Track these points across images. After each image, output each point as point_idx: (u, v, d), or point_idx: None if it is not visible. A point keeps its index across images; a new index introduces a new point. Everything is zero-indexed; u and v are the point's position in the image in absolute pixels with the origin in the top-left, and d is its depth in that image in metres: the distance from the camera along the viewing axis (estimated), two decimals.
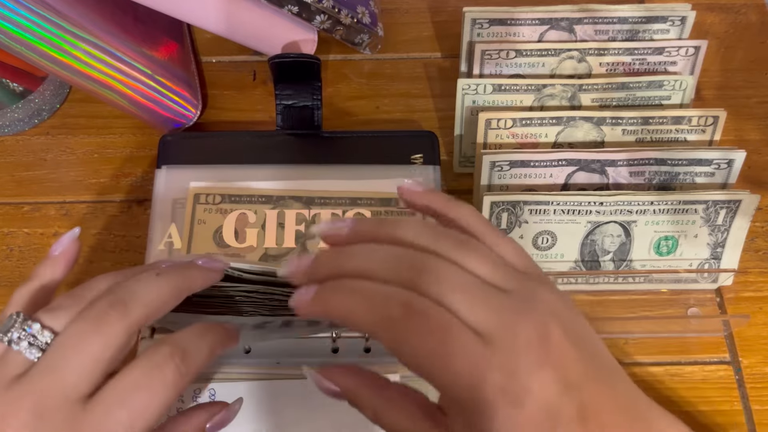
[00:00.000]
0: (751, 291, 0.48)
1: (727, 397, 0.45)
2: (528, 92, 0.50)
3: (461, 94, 0.50)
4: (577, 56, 0.51)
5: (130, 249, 0.49)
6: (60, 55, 0.45)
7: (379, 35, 0.57)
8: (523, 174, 0.46)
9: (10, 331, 0.27)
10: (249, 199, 0.48)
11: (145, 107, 0.50)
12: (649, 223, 0.45)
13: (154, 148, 0.51)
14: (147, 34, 0.51)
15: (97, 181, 0.52)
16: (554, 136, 0.48)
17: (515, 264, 0.27)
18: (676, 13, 0.51)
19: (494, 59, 0.51)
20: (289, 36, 0.54)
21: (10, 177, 0.52)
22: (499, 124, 0.47)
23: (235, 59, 0.58)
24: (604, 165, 0.46)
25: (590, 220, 0.45)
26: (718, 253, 0.46)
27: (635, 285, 0.47)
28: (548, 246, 0.46)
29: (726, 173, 0.47)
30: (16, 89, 0.52)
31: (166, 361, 0.28)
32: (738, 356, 0.46)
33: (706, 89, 0.56)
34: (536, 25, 0.52)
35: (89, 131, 0.54)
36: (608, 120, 0.48)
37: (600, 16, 0.51)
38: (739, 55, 0.58)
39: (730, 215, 0.45)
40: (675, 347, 0.46)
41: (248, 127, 0.54)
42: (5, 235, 0.50)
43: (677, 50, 0.51)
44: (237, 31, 0.52)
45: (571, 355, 0.24)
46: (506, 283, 0.25)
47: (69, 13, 0.45)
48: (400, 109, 0.55)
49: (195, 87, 0.54)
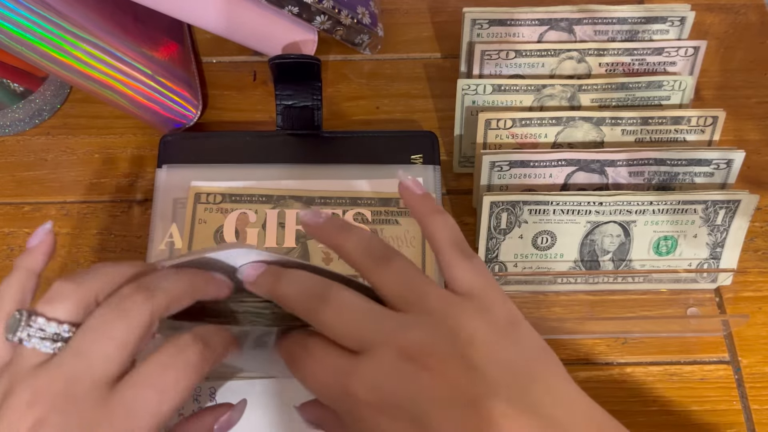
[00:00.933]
0: (750, 291, 0.48)
1: (726, 396, 0.45)
2: (528, 92, 0.50)
3: (461, 95, 0.50)
4: (576, 56, 0.51)
5: (131, 249, 0.49)
6: (60, 55, 0.45)
7: (379, 35, 0.57)
8: (522, 174, 0.46)
9: (18, 330, 0.27)
10: (249, 199, 0.48)
11: (146, 107, 0.50)
12: (648, 223, 0.45)
13: (154, 148, 0.51)
14: (147, 35, 0.51)
15: (97, 181, 0.52)
16: (554, 136, 0.48)
17: (463, 284, 0.29)
18: (676, 14, 0.51)
19: (494, 59, 0.51)
20: (289, 36, 0.54)
21: (11, 177, 0.52)
22: (498, 124, 0.47)
23: (235, 59, 0.58)
24: (603, 165, 0.46)
25: (590, 220, 0.45)
26: (718, 253, 0.47)
27: (635, 285, 0.47)
28: (548, 246, 0.46)
29: (725, 173, 0.47)
30: (17, 89, 0.52)
31: (189, 345, 0.28)
32: (737, 356, 0.46)
33: (706, 89, 0.56)
34: (536, 26, 0.52)
35: (90, 131, 0.54)
36: (608, 120, 0.48)
37: (599, 17, 0.51)
38: (739, 55, 0.58)
39: (729, 215, 0.45)
40: (674, 347, 0.46)
41: (248, 127, 0.54)
42: (6, 235, 0.50)
43: (677, 50, 0.51)
44: (237, 31, 0.52)
45: (456, 372, 0.25)
46: (411, 304, 0.28)
47: (69, 13, 0.45)
48: (400, 110, 0.56)
49: (195, 87, 0.54)
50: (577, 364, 0.46)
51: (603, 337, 0.47)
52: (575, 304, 0.48)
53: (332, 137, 0.51)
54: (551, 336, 0.46)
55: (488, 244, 0.46)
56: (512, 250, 0.46)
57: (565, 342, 0.46)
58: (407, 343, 0.26)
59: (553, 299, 0.48)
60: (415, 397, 0.25)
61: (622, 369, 0.46)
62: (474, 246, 0.49)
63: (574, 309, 0.47)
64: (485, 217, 0.45)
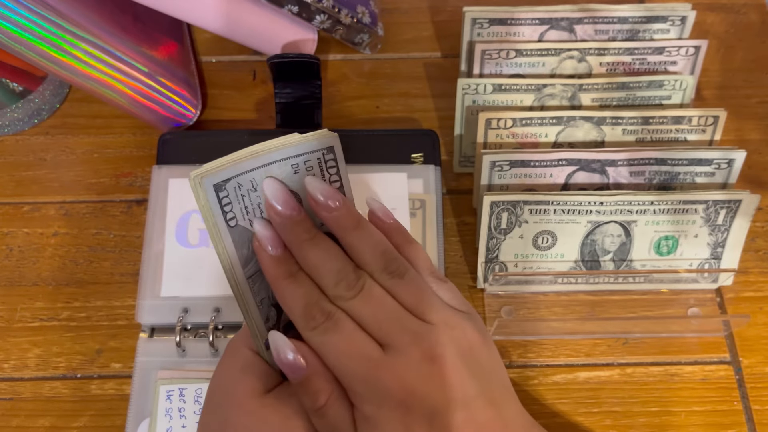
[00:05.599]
0: (751, 291, 0.48)
1: (727, 397, 0.45)
2: (528, 92, 0.50)
3: (461, 94, 0.50)
4: (577, 56, 0.51)
5: (130, 249, 0.49)
6: (60, 54, 0.45)
7: (379, 35, 0.57)
8: (523, 174, 0.46)
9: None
10: None
11: (145, 107, 0.50)
12: (649, 222, 0.45)
13: (153, 148, 0.51)
14: (147, 34, 0.51)
15: (96, 181, 0.52)
16: (554, 135, 0.48)
17: (450, 303, 0.32)
18: (677, 13, 0.51)
19: (494, 59, 0.51)
20: (289, 36, 0.54)
21: (10, 177, 0.52)
22: (499, 123, 0.47)
23: (235, 59, 0.58)
24: (604, 165, 0.46)
25: (590, 220, 0.45)
26: (719, 253, 0.46)
27: (635, 285, 0.47)
28: (548, 246, 0.46)
29: (726, 173, 0.47)
30: (16, 89, 0.52)
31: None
32: (738, 356, 0.46)
33: (707, 89, 0.56)
34: (536, 25, 0.52)
35: (89, 131, 0.54)
36: (608, 120, 0.48)
37: (600, 16, 0.51)
38: (740, 54, 0.58)
39: (730, 215, 0.45)
40: (675, 347, 0.46)
41: (248, 126, 0.54)
42: (5, 235, 0.50)
43: (677, 50, 0.51)
44: (237, 30, 0.52)
45: (461, 377, 0.28)
46: (428, 314, 0.30)
47: (68, 12, 0.45)
48: (400, 109, 0.55)
49: (195, 86, 0.54)
50: (578, 365, 0.46)
51: (603, 337, 0.46)
52: (576, 304, 0.47)
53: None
54: (551, 336, 0.46)
55: (488, 244, 0.46)
56: (512, 250, 0.46)
57: (565, 342, 0.46)
58: (429, 346, 0.29)
59: (554, 299, 0.47)
60: (434, 395, 0.28)
61: (623, 369, 0.45)
62: (474, 246, 0.49)
63: (575, 309, 0.47)
64: (485, 217, 0.45)
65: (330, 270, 0.30)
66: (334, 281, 0.30)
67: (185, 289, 0.45)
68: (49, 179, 0.52)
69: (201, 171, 0.29)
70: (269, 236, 0.30)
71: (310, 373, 0.29)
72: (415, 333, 0.29)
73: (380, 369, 0.28)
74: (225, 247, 0.30)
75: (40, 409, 0.44)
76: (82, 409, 0.44)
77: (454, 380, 0.28)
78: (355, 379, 0.29)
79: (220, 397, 0.31)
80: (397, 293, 0.30)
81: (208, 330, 0.44)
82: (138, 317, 0.45)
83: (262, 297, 0.32)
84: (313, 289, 0.30)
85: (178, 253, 0.46)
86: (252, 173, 0.30)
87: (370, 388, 0.28)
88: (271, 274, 0.31)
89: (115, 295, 0.48)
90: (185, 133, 0.52)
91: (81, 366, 0.45)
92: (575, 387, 0.45)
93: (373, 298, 0.30)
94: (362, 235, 0.31)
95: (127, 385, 0.44)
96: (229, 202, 0.30)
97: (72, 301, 0.47)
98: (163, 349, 0.44)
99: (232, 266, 0.30)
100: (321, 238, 0.31)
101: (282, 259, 0.31)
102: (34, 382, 0.45)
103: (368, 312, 0.29)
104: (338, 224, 0.31)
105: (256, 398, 0.30)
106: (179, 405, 0.42)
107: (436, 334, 0.29)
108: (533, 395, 0.45)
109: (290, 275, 0.30)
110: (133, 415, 0.42)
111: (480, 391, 0.29)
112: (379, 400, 0.28)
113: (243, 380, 0.31)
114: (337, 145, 0.31)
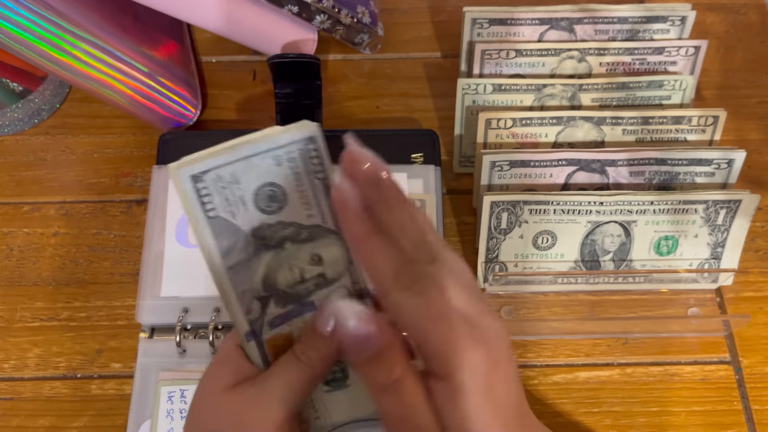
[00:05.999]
0: (751, 291, 0.48)
1: (727, 397, 0.45)
2: (528, 92, 0.50)
3: (461, 94, 0.50)
4: (577, 56, 0.51)
5: (130, 249, 0.49)
6: (60, 54, 0.45)
7: (379, 35, 0.57)
8: (523, 174, 0.46)
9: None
10: None
11: (145, 107, 0.50)
12: (649, 222, 0.45)
13: (153, 148, 0.51)
14: (147, 34, 0.51)
15: (96, 181, 0.52)
16: (554, 135, 0.48)
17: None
18: (676, 13, 0.51)
19: (494, 59, 0.51)
20: (289, 36, 0.54)
21: (10, 177, 0.52)
22: (499, 123, 0.47)
23: (235, 59, 0.58)
24: (604, 165, 0.46)
25: (590, 220, 0.45)
26: (718, 253, 0.46)
27: (635, 285, 0.47)
28: (548, 246, 0.46)
29: (726, 173, 0.47)
30: (16, 89, 0.52)
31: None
32: (738, 356, 0.46)
33: (706, 89, 0.56)
34: (536, 25, 0.52)
35: (89, 131, 0.54)
36: (608, 120, 0.48)
37: (600, 16, 0.51)
38: (739, 55, 0.58)
39: (730, 215, 0.45)
40: (675, 347, 0.46)
41: (248, 126, 0.54)
42: (5, 235, 0.50)
43: (677, 50, 0.51)
44: (237, 30, 0.52)
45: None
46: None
47: (69, 13, 0.45)
48: (400, 109, 0.55)
49: (195, 87, 0.54)
50: (578, 365, 0.46)
51: (603, 337, 0.46)
52: (576, 304, 0.47)
53: (332, 136, 0.51)
54: (551, 336, 0.46)
55: (488, 244, 0.46)
56: (512, 250, 0.46)
57: (565, 342, 0.46)
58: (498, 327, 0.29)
59: (554, 299, 0.47)
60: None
61: (623, 369, 0.45)
62: (474, 246, 0.49)
63: (575, 309, 0.47)
64: (485, 217, 0.45)
65: (413, 232, 0.29)
66: (414, 244, 0.29)
67: (185, 289, 0.45)
68: (49, 179, 0.52)
69: (179, 162, 0.29)
70: (356, 193, 0.30)
71: (385, 343, 0.28)
72: (490, 313, 0.30)
73: (465, 336, 0.28)
74: (204, 237, 0.30)
75: (40, 409, 0.44)
76: (82, 409, 0.44)
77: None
78: (442, 344, 0.28)
79: (196, 392, 0.32)
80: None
81: (208, 330, 0.44)
82: (138, 317, 0.45)
83: (244, 289, 0.32)
84: (400, 249, 0.29)
85: (178, 253, 0.46)
86: (232, 165, 0.30)
87: (458, 354, 0.27)
88: (357, 230, 0.30)
89: (115, 295, 0.48)
90: (185, 133, 0.52)
91: (81, 366, 0.45)
92: (575, 387, 0.45)
93: (446, 268, 0.29)
94: (401, 211, 0.30)
95: (127, 385, 0.44)
96: (209, 194, 0.30)
97: (72, 301, 0.47)
98: (164, 350, 0.44)
99: (212, 256, 0.30)
100: (405, 197, 0.31)
101: (367, 216, 0.30)
102: (34, 382, 0.45)
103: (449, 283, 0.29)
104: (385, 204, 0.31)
105: (222, 392, 0.30)
106: (180, 406, 0.42)
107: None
108: (533, 395, 0.45)
109: (379, 232, 0.29)
110: (134, 416, 0.42)
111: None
112: (471, 367, 0.27)
113: (214, 374, 0.31)
114: (319, 135, 0.31)
